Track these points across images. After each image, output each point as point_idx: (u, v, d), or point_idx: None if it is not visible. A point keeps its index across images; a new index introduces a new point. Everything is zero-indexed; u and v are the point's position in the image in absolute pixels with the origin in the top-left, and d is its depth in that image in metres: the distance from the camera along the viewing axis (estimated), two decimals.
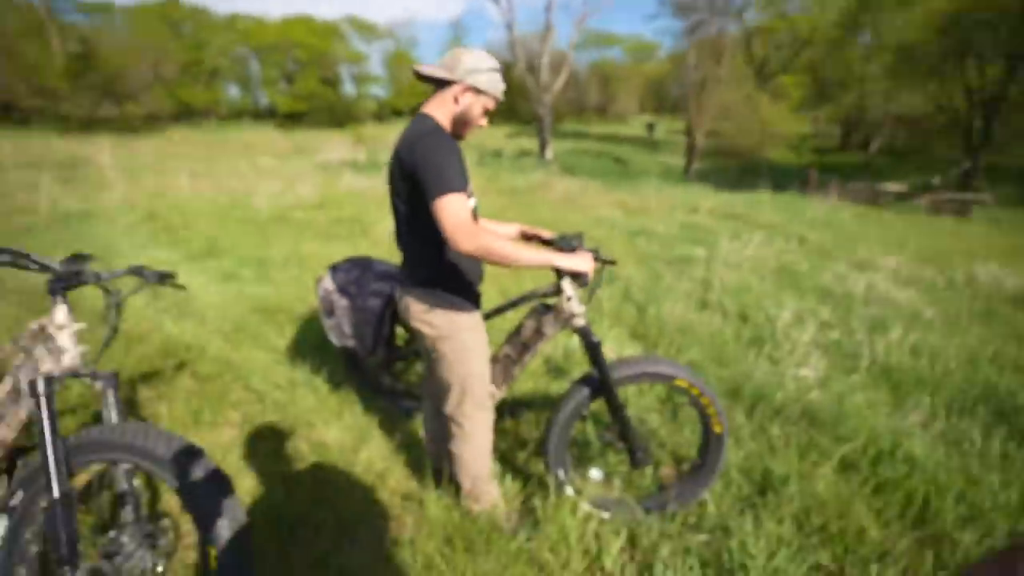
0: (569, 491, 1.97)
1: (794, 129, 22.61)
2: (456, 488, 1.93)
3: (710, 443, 2.00)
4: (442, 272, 1.69)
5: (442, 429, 1.87)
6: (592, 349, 1.83)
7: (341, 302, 2.36)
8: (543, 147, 20.31)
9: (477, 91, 1.61)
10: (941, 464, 2.29)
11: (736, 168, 20.15)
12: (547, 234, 2.09)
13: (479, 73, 1.59)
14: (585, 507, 1.94)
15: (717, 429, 1.97)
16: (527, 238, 2.10)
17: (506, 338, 2.03)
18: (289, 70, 42.40)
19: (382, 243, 6.29)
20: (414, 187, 1.53)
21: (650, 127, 35.30)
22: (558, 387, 2.88)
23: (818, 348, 3.43)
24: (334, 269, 2.51)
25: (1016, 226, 10.22)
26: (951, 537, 1.96)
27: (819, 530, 1.98)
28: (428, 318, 1.69)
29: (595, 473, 2.17)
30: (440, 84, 1.63)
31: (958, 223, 10.02)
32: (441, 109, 1.63)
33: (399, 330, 2.51)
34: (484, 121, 1.68)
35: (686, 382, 1.88)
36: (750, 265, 5.43)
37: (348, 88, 46.33)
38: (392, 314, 2.28)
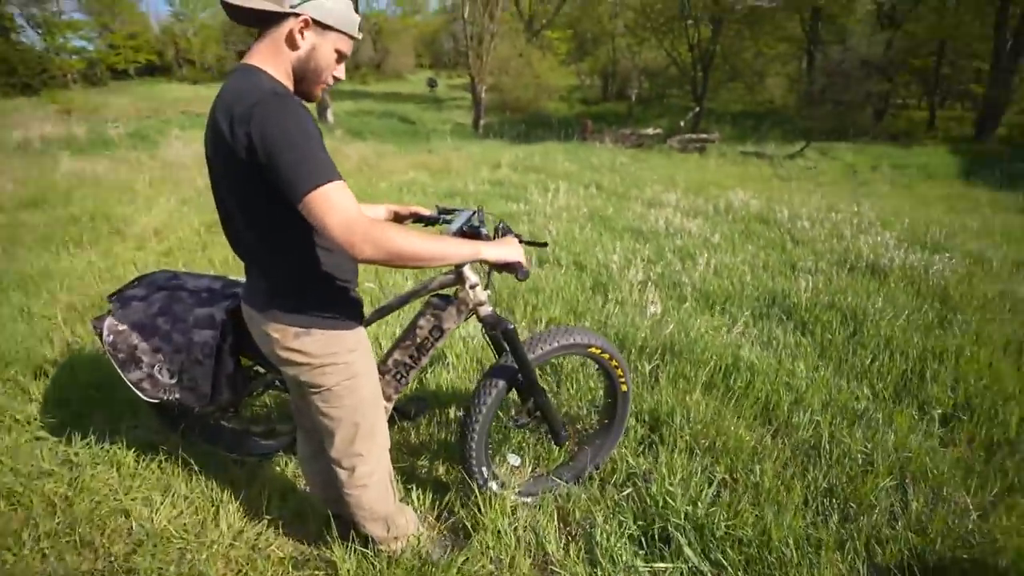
0: (494, 487, 1.78)
1: (563, 82, 24.59)
2: (366, 536, 1.58)
3: (617, 402, 2.01)
4: (311, 283, 1.25)
5: (329, 470, 1.47)
6: (509, 338, 1.60)
7: (147, 344, 1.65)
8: (323, 109, 18.45)
9: (323, 26, 1.15)
10: (769, 365, 2.70)
11: (520, 121, 21.22)
12: (424, 210, 1.76)
13: (335, 10, 1.15)
14: (512, 498, 1.80)
15: (624, 388, 1.98)
16: (399, 219, 1.73)
17: (395, 341, 1.70)
18: None
19: (151, 242, 4.96)
20: (258, 177, 1.07)
21: (431, 83, 34.83)
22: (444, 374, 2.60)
23: (651, 284, 3.75)
24: (122, 299, 1.75)
25: (736, 159, 12.87)
26: (789, 422, 2.33)
27: (708, 449, 2.16)
28: (298, 345, 1.25)
29: (513, 459, 2.02)
30: (265, 21, 1.14)
31: (701, 159, 12.22)
32: (274, 59, 1.15)
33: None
34: (340, 71, 1.23)
35: (599, 348, 1.82)
36: (566, 215, 5.73)
37: (31, 38, 34.75)
38: (233, 343, 1.68)
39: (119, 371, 1.67)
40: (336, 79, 1.23)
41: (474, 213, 1.64)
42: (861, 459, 2.09)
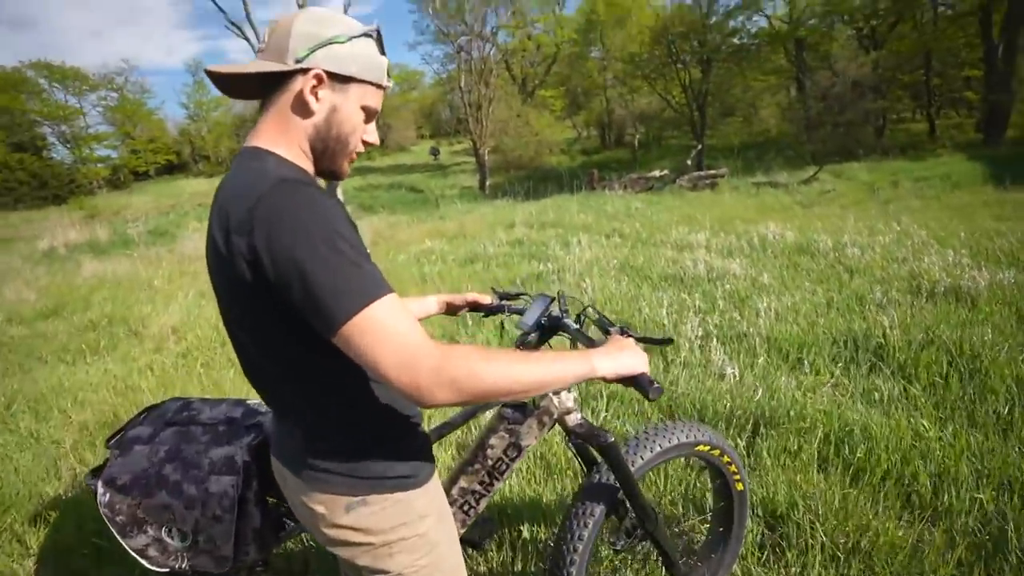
0: None
1: (561, 136, 25.17)
2: None
3: (733, 505, 1.61)
4: (363, 432, 0.90)
5: None
6: (608, 453, 1.25)
7: (153, 500, 1.29)
8: (331, 189, 18.96)
9: (341, 79, 0.85)
10: (886, 427, 2.26)
11: (525, 178, 21.51)
12: (482, 297, 1.45)
13: (334, 45, 0.84)
14: None
15: (740, 487, 1.59)
16: (454, 310, 1.42)
17: (459, 465, 1.34)
18: None
19: (168, 343, 4.73)
20: (273, 303, 0.76)
21: (434, 152, 35.90)
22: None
23: (710, 338, 3.37)
24: (122, 444, 1.39)
25: (749, 191, 12.68)
26: (941, 503, 1.88)
27: (852, 551, 1.73)
28: (352, 521, 0.89)
29: None
30: (266, 88, 0.86)
31: (714, 195, 12.03)
32: (284, 135, 0.86)
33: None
34: (372, 133, 0.94)
35: (707, 444, 1.46)
36: (596, 269, 5.43)
37: (60, 153, 36.90)
38: (259, 489, 1.31)
39: (119, 538, 1.31)
40: (368, 144, 0.94)
41: (552, 300, 1.32)
42: None
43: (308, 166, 0.89)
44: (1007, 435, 2.25)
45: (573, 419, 1.29)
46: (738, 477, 1.57)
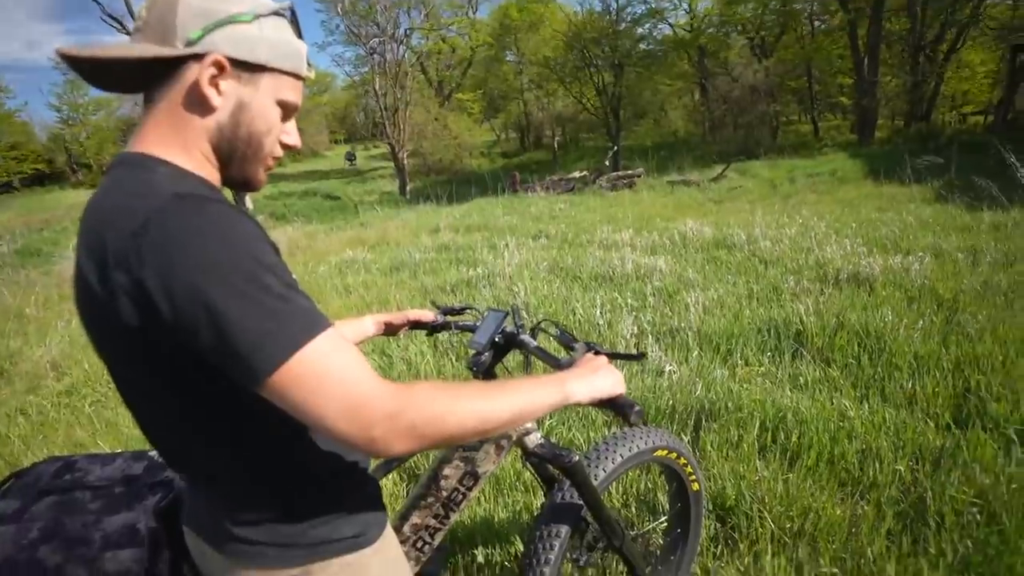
0: None
1: (481, 139, 25.19)
2: None
3: (689, 505, 1.60)
4: (300, 488, 0.74)
5: None
6: (573, 473, 1.17)
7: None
8: (238, 198, 17.65)
9: (248, 67, 0.68)
10: (815, 411, 2.38)
11: (445, 182, 21.27)
12: (422, 314, 1.32)
13: (240, 24, 0.67)
14: None
15: (695, 486, 1.58)
16: (393, 330, 1.29)
17: (411, 499, 1.21)
18: None
19: (47, 380, 4.11)
20: (172, 346, 0.59)
21: (350, 156, 34.67)
22: None
23: (645, 336, 3.42)
24: None
25: (665, 189, 13.32)
26: (866, 478, 1.99)
27: (798, 535, 1.78)
28: None
29: None
30: (149, 77, 0.67)
31: (633, 194, 12.49)
32: (177, 136, 0.68)
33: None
34: (292, 133, 0.77)
35: (666, 449, 1.43)
36: (527, 272, 5.39)
37: None
38: (172, 559, 1.05)
39: None
40: (288, 147, 0.77)
41: (506, 315, 1.21)
42: (978, 512, 1.76)
43: (212, 175, 0.71)
44: (912, 407, 2.45)
45: (533, 439, 1.20)
46: (694, 478, 1.57)
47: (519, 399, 0.72)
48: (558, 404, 0.78)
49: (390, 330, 1.29)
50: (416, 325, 1.33)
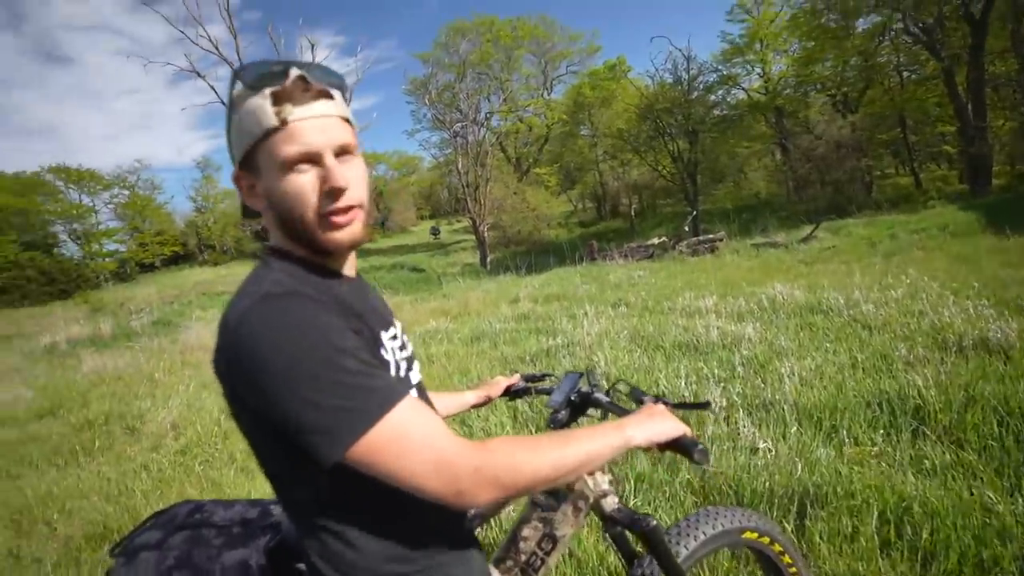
0: None
1: (558, 210, 25.91)
2: None
3: None
4: (402, 547, 0.78)
5: None
6: (652, 540, 1.12)
7: None
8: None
9: (246, 162, 0.75)
10: (947, 501, 2.05)
11: (524, 253, 21.87)
12: (514, 380, 1.42)
13: (235, 135, 0.75)
14: None
15: None
16: (490, 399, 1.39)
17: (492, 560, 1.18)
18: None
19: (167, 439, 4.53)
20: (272, 431, 0.68)
21: (435, 231, 36.87)
22: None
23: (735, 409, 3.19)
24: (128, 553, 1.24)
25: (750, 253, 12.79)
26: None
27: None
28: None
29: None
30: None
31: (716, 259, 12.10)
32: (272, 231, 0.79)
33: None
34: (332, 177, 0.71)
35: (756, 531, 1.31)
36: (607, 341, 5.31)
37: (71, 249, 37.97)
38: None
39: None
40: (339, 191, 0.72)
41: (581, 376, 1.24)
42: None
43: (306, 255, 0.78)
44: None
45: (610, 503, 1.17)
46: (794, 569, 1.41)
47: (585, 445, 0.76)
48: (620, 447, 0.81)
49: (489, 400, 1.37)
50: (505, 391, 1.41)
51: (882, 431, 2.72)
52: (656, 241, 14.60)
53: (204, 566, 1.13)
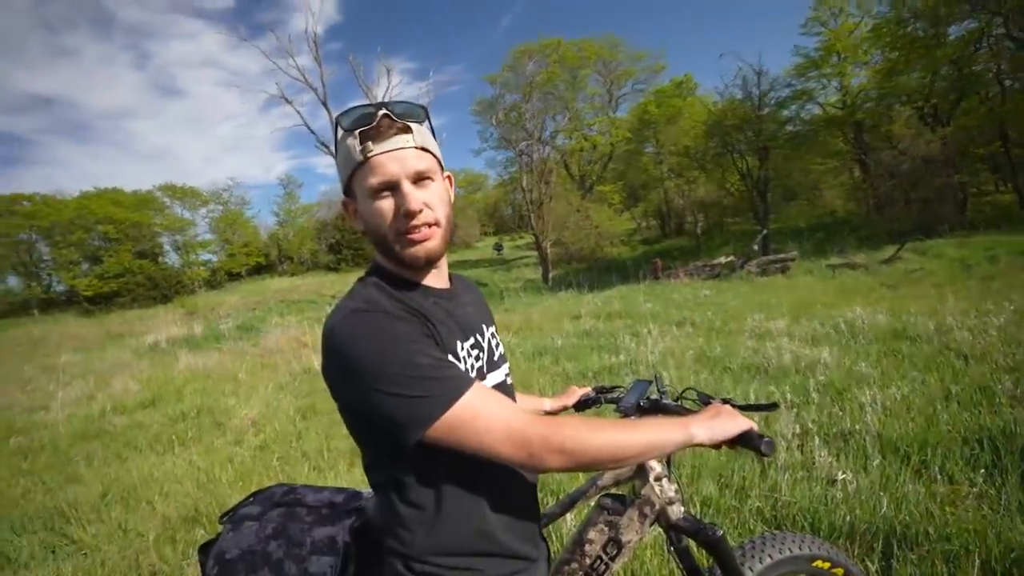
0: None
1: (621, 227, 25.59)
2: None
3: None
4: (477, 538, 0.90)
5: None
6: (717, 550, 1.15)
7: None
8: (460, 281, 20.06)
9: (347, 188, 0.91)
10: None
11: (586, 270, 21.76)
12: (588, 391, 1.50)
13: (340, 165, 0.91)
14: None
15: None
16: (564, 408, 1.48)
17: (556, 563, 1.23)
18: (93, 249, 36.77)
19: (248, 435, 4.89)
20: (366, 421, 0.86)
21: (498, 247, 37.40)
22: None
23: (810, 436, 3.04)
24: (234, 520, 1.44)
25: (825, 274, 12.09)
26: None
27: None
28: None
29: None
30: None
31: (787, 280, 11.54)
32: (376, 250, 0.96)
33: None
34: (408, 200, 0.84)
35: (828, 561, 1.29)
36: (671, 360, 5.20)
37: (171, 258, 41.90)
38: (357, 572, 1.26)
39: None
40: (411, 212, 0.84)
41: (650, 383, 1.30)
42: None
43: (395, 269, 0.93)
44: None
45: (676, 511, 1.18)
46: None
47: (648, 435, 0.85)
48: (682, 442, 0.88)
49: (564, 408, 1.46)
50: (577, 402, 1.48)
51: (983, 471, 2.50)
52: (723, 260, 14.10)
53: (297, 538, 1.29)
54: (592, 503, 1.30)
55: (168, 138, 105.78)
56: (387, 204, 0.85)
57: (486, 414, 0.78)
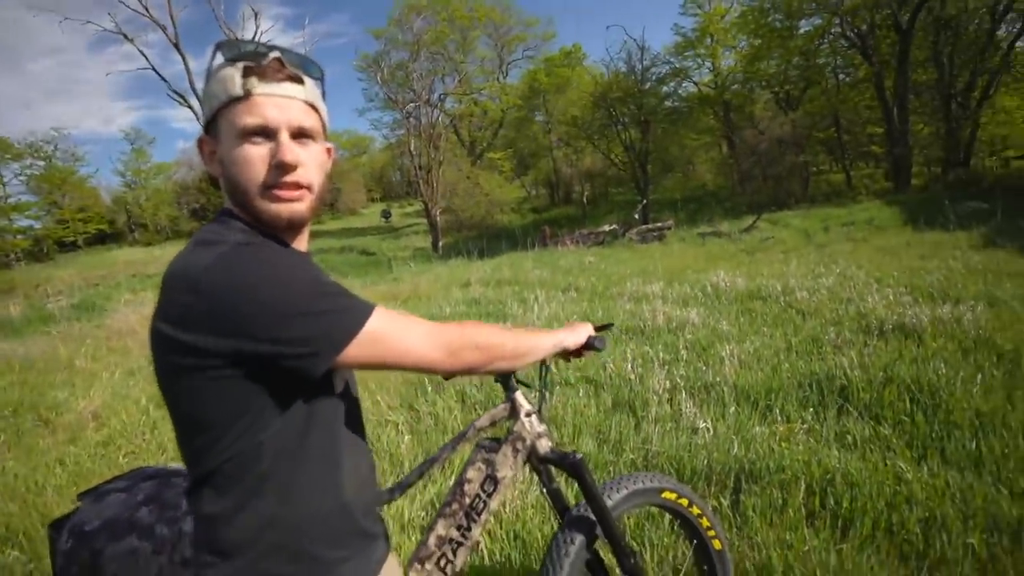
0: None
1: (511, 195, 25.85)
2: None
3: (714, 566, 1.54)
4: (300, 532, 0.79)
5: None
6: (578, 471, 1.29)
7: (118, 546, 1.05)
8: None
9: (210, 124, 0.78)
10: (866, 473, 2.20)
11: (477, 237, 21.74)
12: None
13: (205, 98, 0.78)
14: None
15: (717, 544, 1.54)
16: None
17: (440, 509, 1.32)
18: None
19: (87, 431, 4.22)
20: (251, 366, 0.71)
21: (386, 214, 36.00)
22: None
23: (678, 391, 3.29)
24: (97, 494, 1.18)
25: (696, 241, 13.26)
26: (934, 553, 1.80)
27: None
28: None
29: None
30: None
31: (664, 247, 12.47)
32: (227, 197, 0.81)
33: None
34: (281, 151, 0.74)
35: (674, 492, 1.46)
36: (556, 325, 5.35)
37: None
38: None
39: None
40: (285, 165, 0.74)
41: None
42: None
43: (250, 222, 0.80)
44: (980, 470, 2.23)
45: (544, 445, 1.32)
46: (713, 533, 1.54)
47: (534, 338, 1.04)
48: (557, 344, 1.11)
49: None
50: None
51: (811, 409, 2.87)
52: (607, 228, 14.85)
53: (172, 502, 1.12)
54: (469, 448, 1.40)
55: None
56: (258, 151, 0.74)
57: (402, 322, 0.77)
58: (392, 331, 0.75)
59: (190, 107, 17.35)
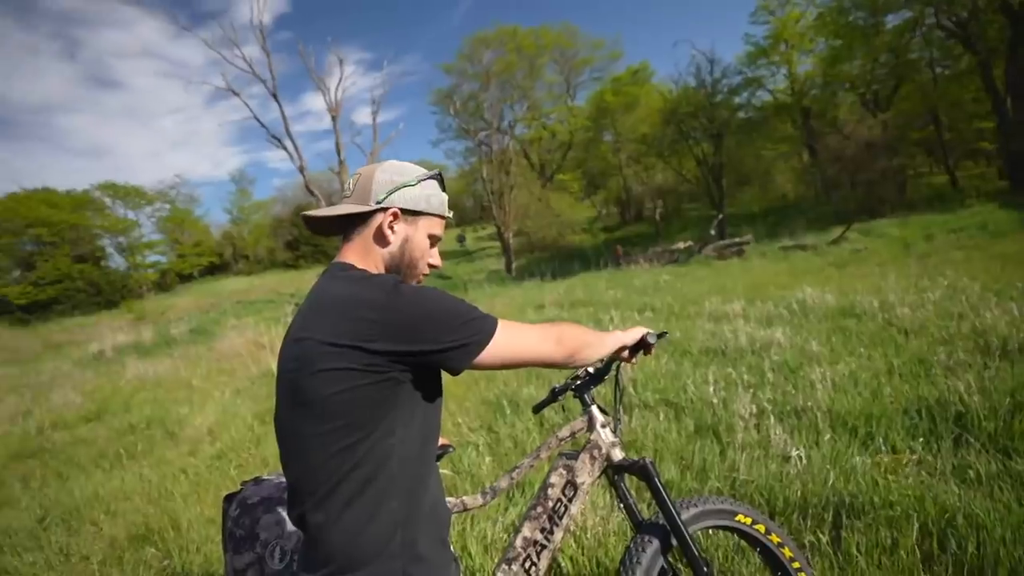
0: None
1: (582, 215, 25.82)
2: None
3: None
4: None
5: None
6: (646, 474, 1.37)
7: (271, 516, 1.42)
8: None
9: (412, 214, 1.08)
10: (994, 514, 1.98)
11: (549, 258, 21.86)
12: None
13: (407, 188, 1.07)
14: None
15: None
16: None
17: (523, 516, 1.44)
18: (24, 254, 34.01)
19: (203, 444, 4.68)
20: (412, 364, 0.95)
21: (461, 239, 37.11)
22: None
23: (765, 416, 3.13)
24: (257, 480, 1.56)
25: (778, 255, 12.54)
26: None
27: None
28: None
29: None
30: (351, 224, 1.08)
31: (743, 263, 11.90)
32: (365, 258, 1.05)
33: None
34: (435, 257, 1.14)
35: (749, 518, 1.44)
36: None
37: (116, 261, 39.41)
38: None
39: (226, 556, 1.42)
40: (433, 267, 1.14)
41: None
42: None
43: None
44: None
45: (617, 454, 1.44)
46: (798, 565, 1.48)
47: (605, 336, 1.23)
48: (620, 341, 1.29)
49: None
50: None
51: (922, 439, 2.63)
52: (682, 245, 14.43)
53: None
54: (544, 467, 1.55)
55: (105, 133, 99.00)
56: (429, 251, 1.11)
57: (519, 326, 1.02)
58: (515, 332, 1.00)
59: (284, 149, 19.13)
